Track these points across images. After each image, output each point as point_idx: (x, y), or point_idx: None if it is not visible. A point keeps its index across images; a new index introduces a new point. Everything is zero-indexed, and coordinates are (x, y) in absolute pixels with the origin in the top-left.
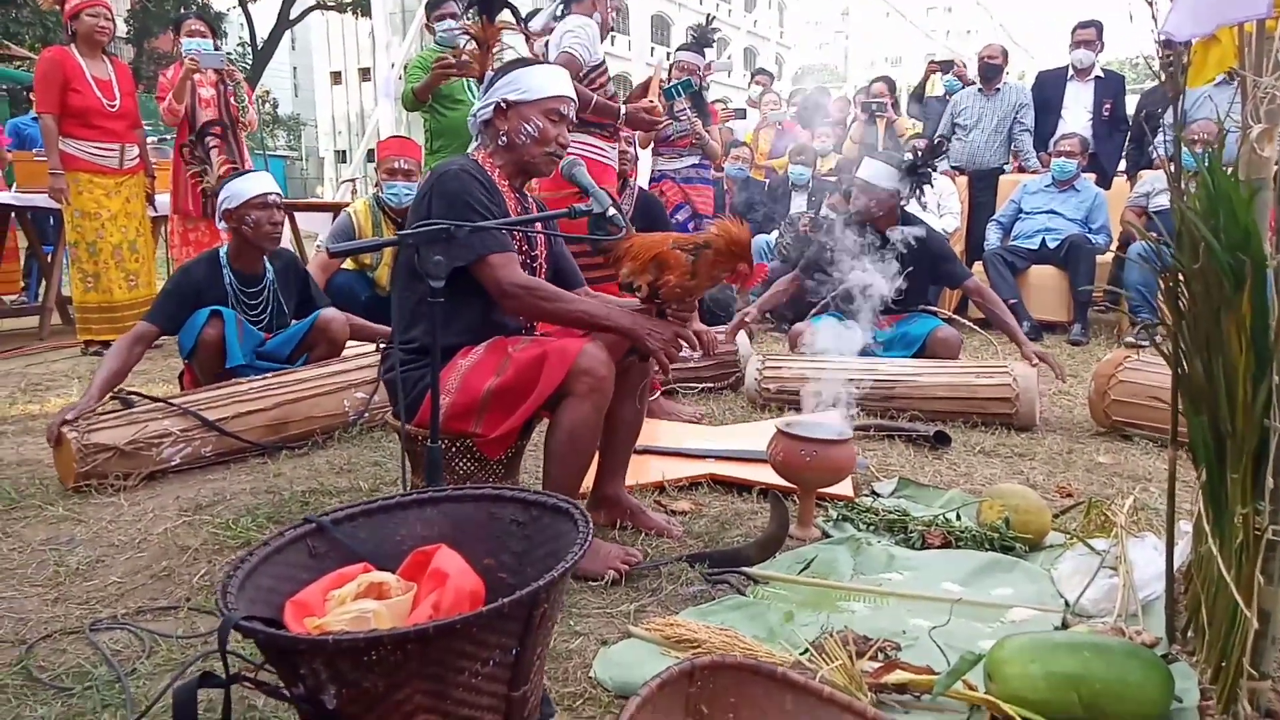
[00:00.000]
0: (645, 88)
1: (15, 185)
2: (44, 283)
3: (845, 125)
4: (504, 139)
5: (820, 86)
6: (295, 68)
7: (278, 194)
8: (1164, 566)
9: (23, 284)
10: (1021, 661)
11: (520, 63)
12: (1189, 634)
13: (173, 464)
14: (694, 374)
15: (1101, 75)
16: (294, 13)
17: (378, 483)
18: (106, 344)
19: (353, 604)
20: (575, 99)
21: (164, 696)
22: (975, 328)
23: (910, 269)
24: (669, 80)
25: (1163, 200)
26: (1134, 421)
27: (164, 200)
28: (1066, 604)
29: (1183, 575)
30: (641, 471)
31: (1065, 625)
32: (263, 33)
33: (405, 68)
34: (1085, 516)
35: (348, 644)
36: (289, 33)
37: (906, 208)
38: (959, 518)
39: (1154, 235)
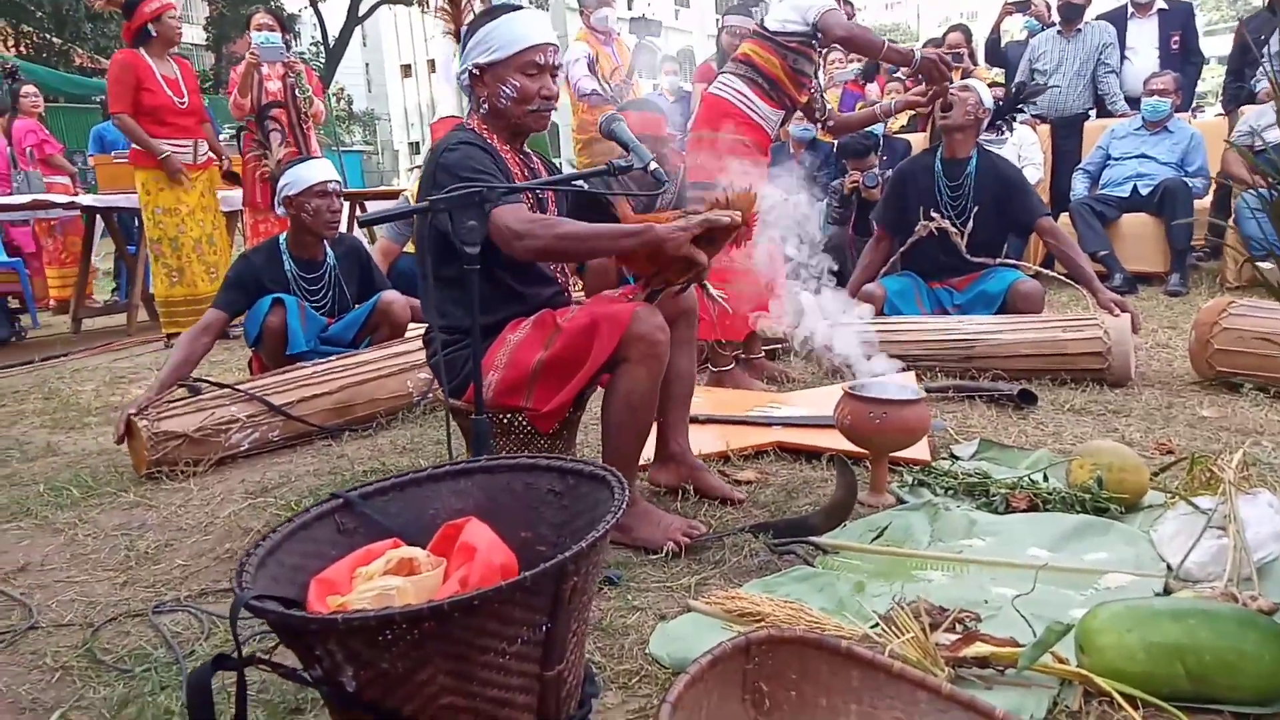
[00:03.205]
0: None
1: (98, 188)
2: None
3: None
4: (485, 105)
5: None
6: (367, 64)
7: (338, 182)
8: None
9: (114, 284)
10: (1118, 631)
11: (487, 15)
12: None
13: (241, 449)
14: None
15: (1165, 7)
16: (362, 9)
17: (440, 461)
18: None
19: (377, 581)
20: (555, 44)
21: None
22: (1065, 279)
23: (981, 208)
24: None
25: (1275, 134)
26: (1241, 371)
27: (235, 196)
28: (1169, 568)
29: None
30: (705, 440)
31: (1168, 591)
32: (334, 31)
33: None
34: (1188, 474)
35: (359, 623)
36: (359, 29)
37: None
38: (1046, 479)
39: (1268, 175)
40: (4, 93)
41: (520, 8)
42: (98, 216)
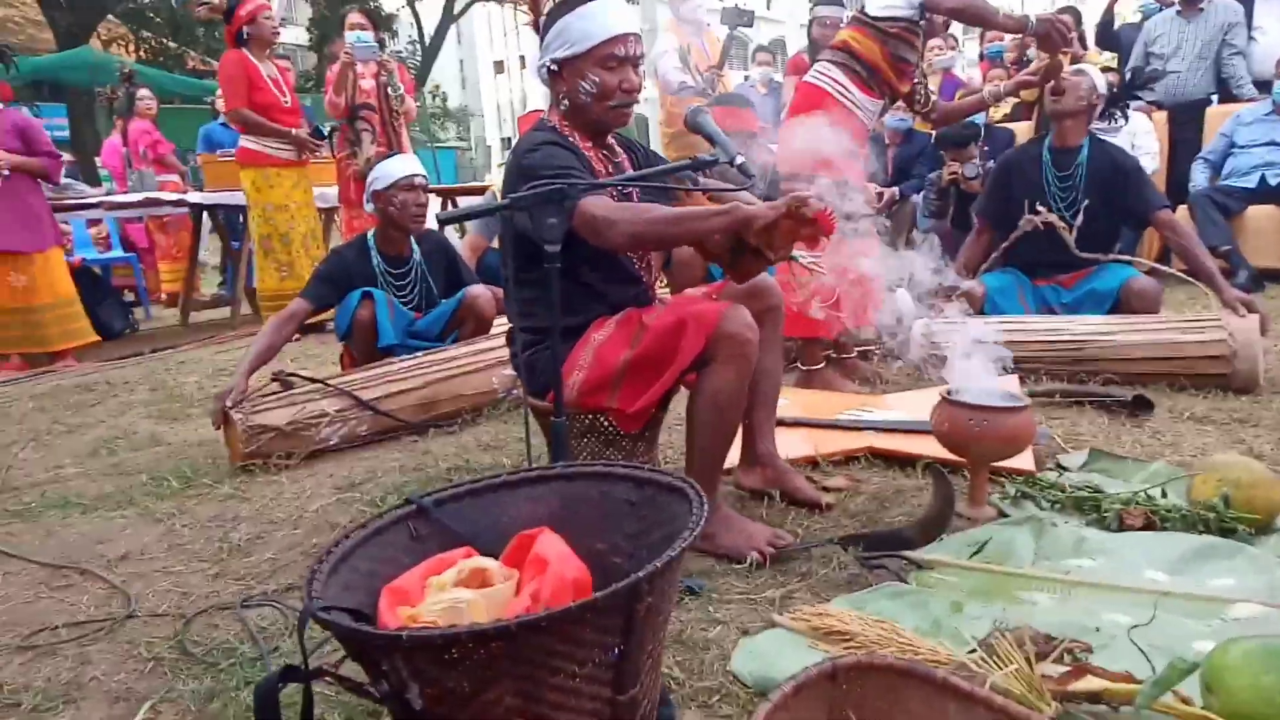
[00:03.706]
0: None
1: (204, 186)
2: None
3: (1021, 66)
4: (565, 101)
5: None
6: (461, 60)
7: (424, 177)
8: None
9: (221, 279)
10: (1252, 671)
11: (565, 6)
12: None
13: (330, 443)
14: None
15: None
16: (457, 6)
17: (523, 460)
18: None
19: (447, 593)
20: (636, 33)
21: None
22: (1183, 277)
23: (1092, 200)
24: None
25: None
26: None
27: (330, 193)
28: None
29: None
30: (793, 444)
31: None
32: (430, 29)
33: None
34: None
35: (422, 641)
36: (454, 27)
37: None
38: (1165, 494)
39: None
40: (123, 97)
41: None
42: (204, 213)
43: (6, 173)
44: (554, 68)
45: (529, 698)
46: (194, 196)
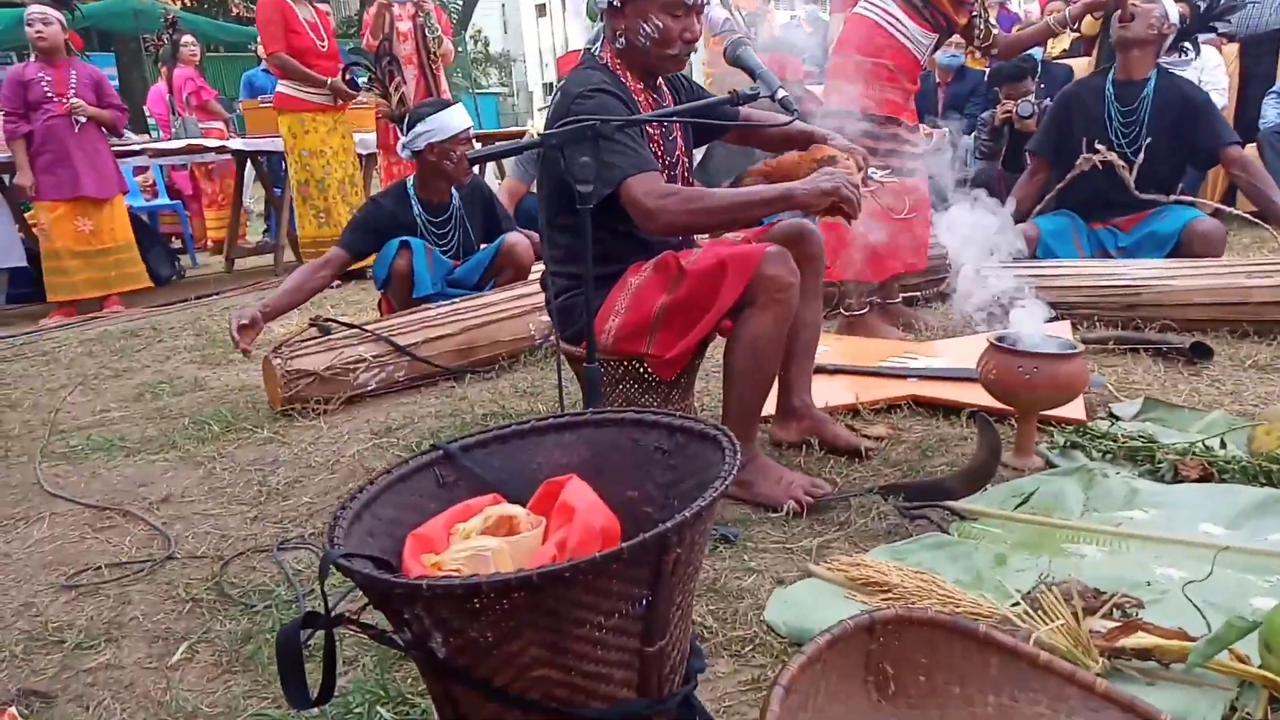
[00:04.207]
0: None
1: (247, 133)
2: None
3: None
4: (622, 40)
5: None
6: (503, 4)
7: (473, 127)
8: None
9: (265, 226)
10: None
11: None
12: None
13: (369, 389)
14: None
15: None
16: None
17: (556, 406)
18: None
19: (472, 541)
20: None
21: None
22: (1250, 219)
23: (1156, 137)
24: None
25: None
26: None
27: (370, 138)
28: None
29: None
30: (834, 392)
31: None
32: None
33: None
34: None
35: (443, 590)
36: None
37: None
38: (1224, 445)
39: None
40: (167, 44)
41: None
42: (247, 161)
43: (83, 120)
44: (616, 3)
45: (554, 648)
46: (236, 143)
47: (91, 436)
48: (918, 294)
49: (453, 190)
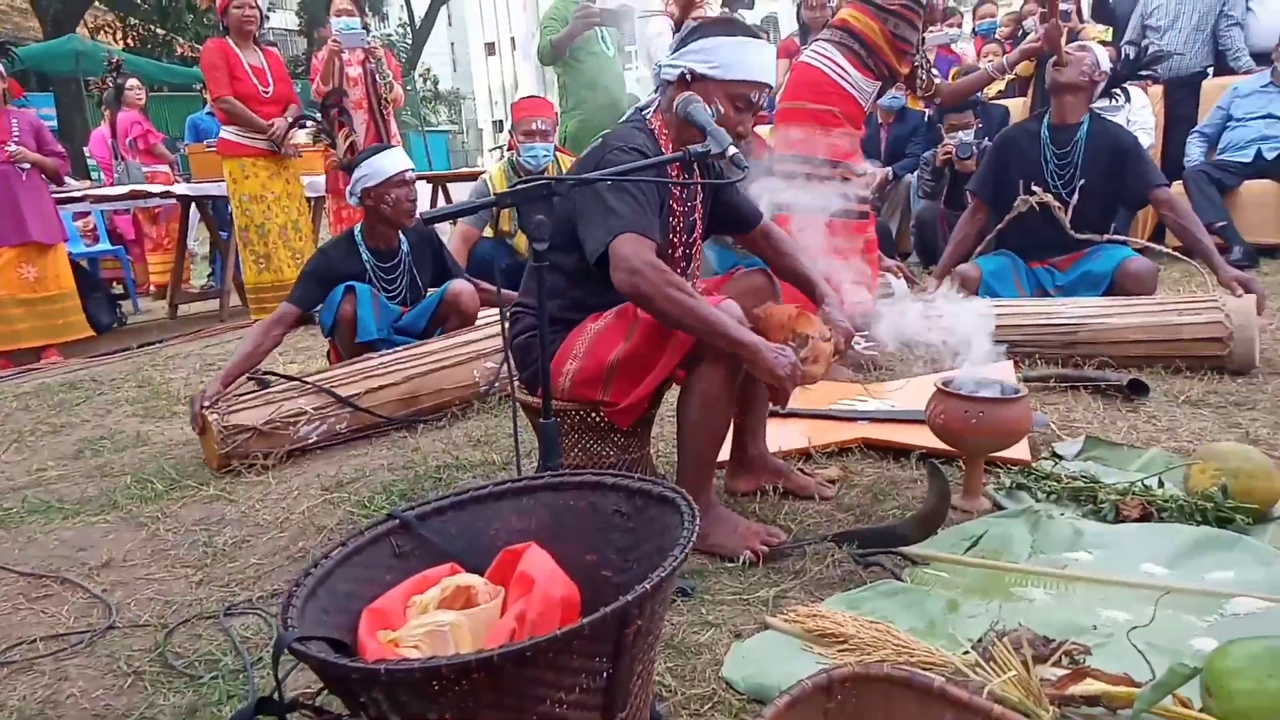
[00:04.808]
0: None
1: (191, 177)
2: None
3: (1016, 43)
4: (677, 112)
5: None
6: (452, 43)
7: (412, 170)
8: None
9: (210, 270)
10: (1256, 675)
11: (722, 26)
12: None
13: (310, 441)
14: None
15: None
16: None
17: (511, 456)
18: None
19: (429, 616)
20: (772, 85)
21: None
22: (1178, 255)
23: (1089, 179)
24: None
25: None
26: None
27: (319, 181)
28: None
29: None
30: (785, 436)
31: None
32: (420, 11)
33: (541, 22)
34: None
35: (402, 674)
36: (444, 9)
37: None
38: (1161, 484)
39: None
40: (111, 87)
41: (760, 36)
42: (192, 204)
43: (27, 167)
44: (688, 76)
45: None
46: (181, 188)
47: (27, 498)
48: (866, 333)
49: (401, 236)
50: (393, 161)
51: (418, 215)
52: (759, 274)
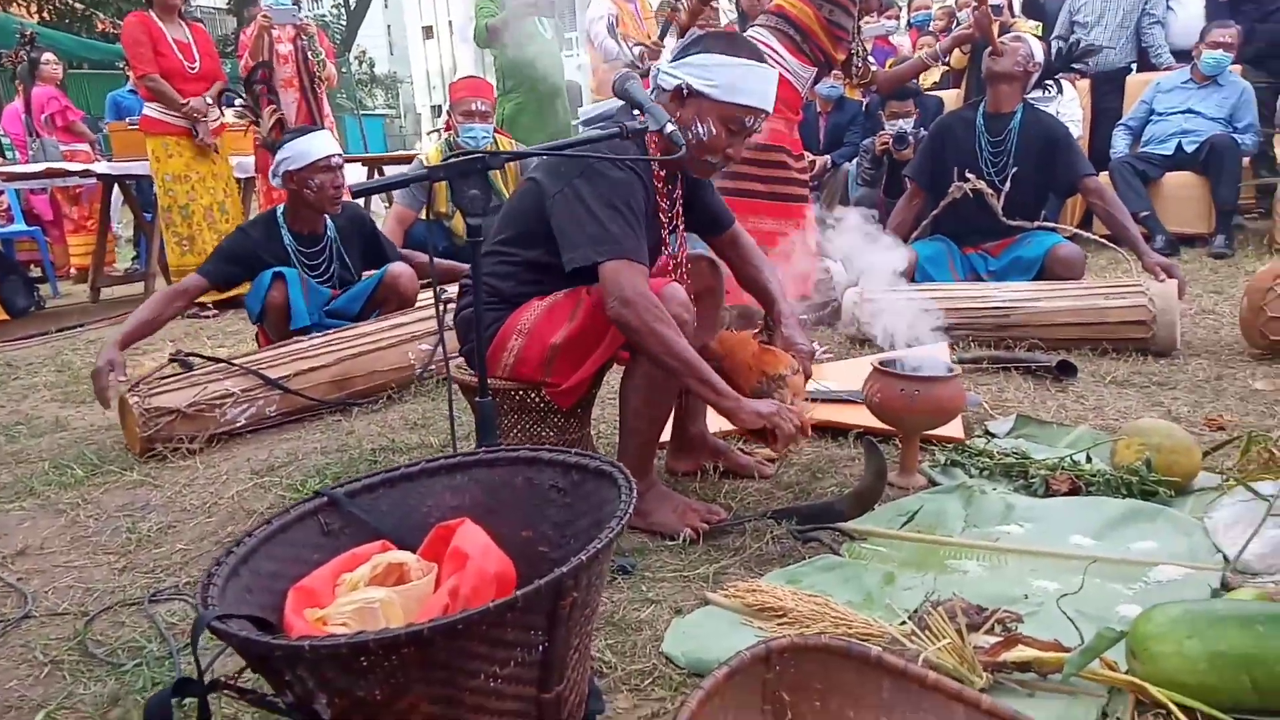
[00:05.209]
0: None
1: (113, 156)
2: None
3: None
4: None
5: None
6: (389, 25)
7: (339, 155)
8: None
9: (135, 252)
10: (1176, 638)
11: (726, 45)
12: None
13: (238, 425)
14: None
15: None
16: None
17: (448, 439)
18: (205, 305)
19: (359, 593)
20: (768, 111)
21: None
22: (1104, 242)
23: (1022, 167)
24: None
25: None
26: None
27: (248, 162)
28: (1225, 559)
29: None
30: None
31: (1226, 585)
32: None
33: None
34: (1243, 454)
35: (327, 650)
36: None
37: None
38: (1089, 459)
39: None
40: (25, 60)
41: (763, 60)
42: (114, 185)
43: None
44: (685, 91)
45: (447, 702)
46: (101, 167)
47: None
48: (804, 317)
49: (327, 220)
50: (319, 145)
51: (346, 194)
52: (704, 260)
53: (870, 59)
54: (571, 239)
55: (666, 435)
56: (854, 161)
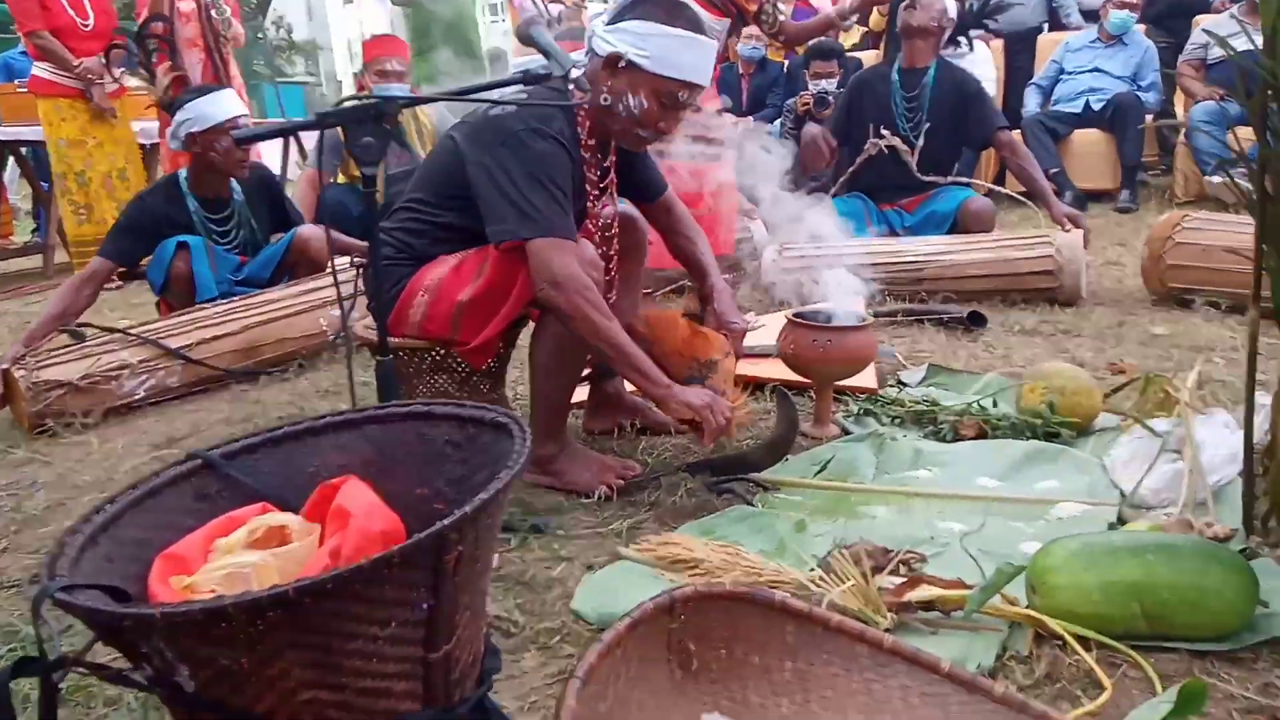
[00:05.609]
0: None
1: (1, 120)
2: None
3: None
4: (605, 98)
5: None
6: None
7: (246, 116)
8: (1238, 446)
9: (35, 225)
10: (1071, 570)
11: (664, 12)
12: (1270, 523)
13: (137, 397)
14: None
15: None
16: None
17: (364, 405)
18: None
19: (230, 557)
20: (705, 87)
21: None
22: (1018, 198)
23: (935, 123)
24: None
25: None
26: (1194, 286)
27: (150, 127)
28: (1122, 495)
29: (1263, 454)
30: None
31: (1121, 520)
32: None
33: None
34: (1142, 394)
35: (181, 617)
36: None
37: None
38: (995, 404)
39: (1218, 90)
40: None
41: (704, 35)
42: (6, 153)
43: None
44: (621, 64)
45: (323, 667)
46: None
47: None
48: (725, 275)
49: (234, 184)
50: (223, 105)
51: (258, 155)
52: (626, 217)
53: (780, 7)
54: (496, 212)
55: (584, 395)
56: (777, 123)
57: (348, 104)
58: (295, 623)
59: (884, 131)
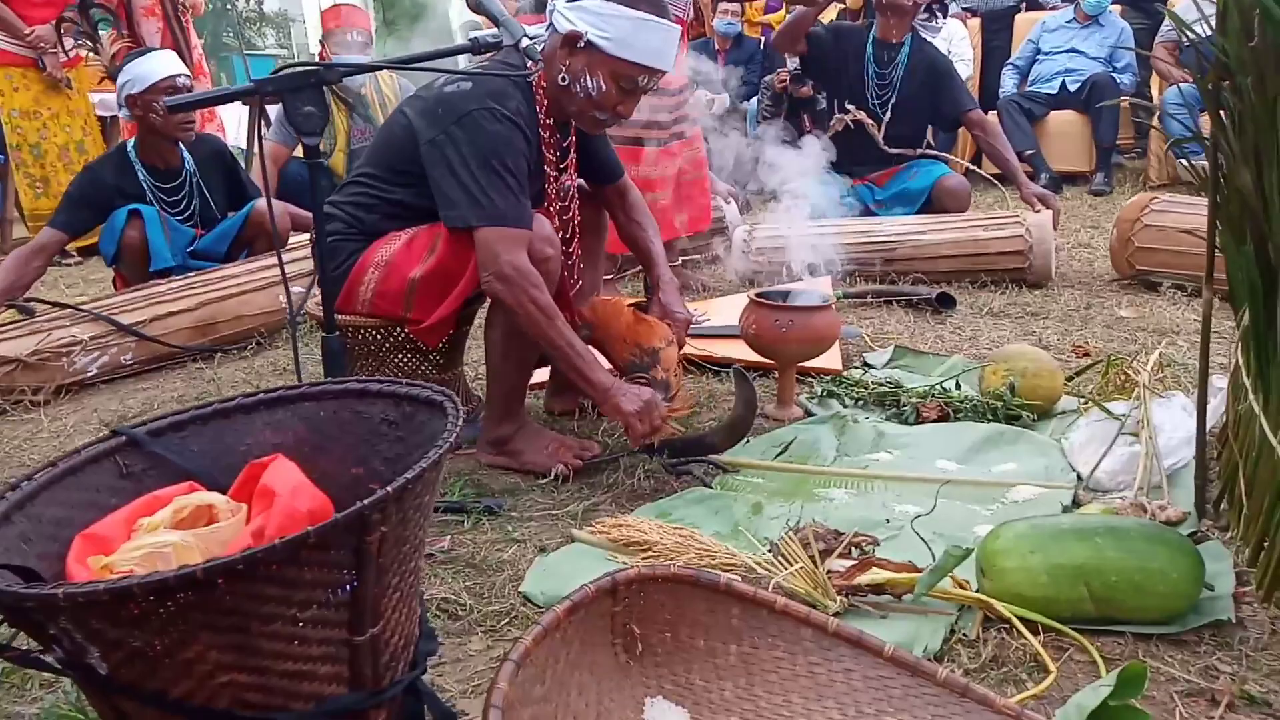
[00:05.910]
0: None
1: None
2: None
3: None
4: (563, 78)
5: None
6: None
7: (187, 75)
8: (1194, 429)
9: None
10: (1020, 552)
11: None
12: (1222, 507)
13: (89, 374)
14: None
15: None
16: None
17: (314, 381)
18: (65, 252)
19: (152, 536)
20: (665, 72)
21: None
22: (992, 180)
23: (905, 98)
24: None
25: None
26: (1161, 269)
27: (109, 99)
28: (1079, 478)
29: (1216, 438)
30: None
31: (1077, 503)
32: None
33: None
34: (1103, 377)
35: (85, 598)
36: None
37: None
38: (959, 386)
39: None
40: None
41: (666, 19)
42: None
43: None
44: (581, 44)
45: (241, 650)
46: None
47: None
48: (696, 256)
49: (184, 153)
50: (160, 64)
51: (213, 123)
52: (588, 195)
53: None
54: (449, 197)
55: (545, 375)
56: (754, 99)
57: (285, 72)
58: (208, 604)
59: (849, 106)
